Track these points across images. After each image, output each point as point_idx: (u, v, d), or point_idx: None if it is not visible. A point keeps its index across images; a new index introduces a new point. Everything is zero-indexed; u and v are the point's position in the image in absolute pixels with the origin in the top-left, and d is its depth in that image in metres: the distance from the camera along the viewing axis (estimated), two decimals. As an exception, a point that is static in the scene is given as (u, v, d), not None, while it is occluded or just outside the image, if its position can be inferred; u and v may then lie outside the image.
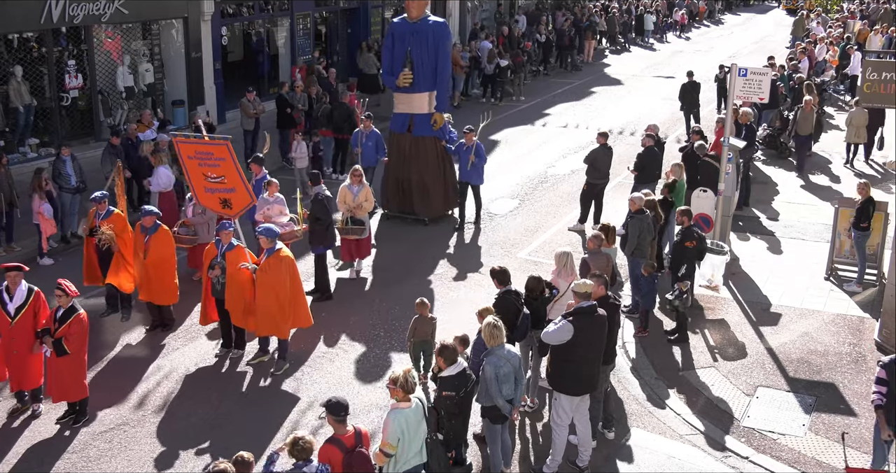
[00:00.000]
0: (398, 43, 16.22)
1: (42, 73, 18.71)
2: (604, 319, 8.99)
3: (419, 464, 7.79)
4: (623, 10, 43.14)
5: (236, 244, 11.15)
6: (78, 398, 9.93)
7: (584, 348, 8.77)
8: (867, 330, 12.32)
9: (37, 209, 14.07)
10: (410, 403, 7.57)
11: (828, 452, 9.56)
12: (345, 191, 13.65)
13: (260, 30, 26.05)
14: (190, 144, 11.57)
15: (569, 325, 8.70)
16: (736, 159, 14.36)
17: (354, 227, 13.49)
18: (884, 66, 13.59)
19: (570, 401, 8.95)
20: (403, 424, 7.48)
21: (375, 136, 16.84)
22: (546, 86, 30.63)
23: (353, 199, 13.50)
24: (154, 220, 11.80)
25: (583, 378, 8.91)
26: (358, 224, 13.54)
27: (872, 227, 13.62)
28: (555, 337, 8.79)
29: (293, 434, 7.00)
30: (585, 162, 15.98)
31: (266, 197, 13.12)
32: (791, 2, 56.02)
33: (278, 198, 13.20)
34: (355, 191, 13.54)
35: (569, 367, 8.83)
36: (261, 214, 12.92)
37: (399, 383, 7.51)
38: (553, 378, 9.05)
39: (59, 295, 9.59)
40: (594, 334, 8.86)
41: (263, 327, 11.04)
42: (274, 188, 13.21)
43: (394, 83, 16.34)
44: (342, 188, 13.78)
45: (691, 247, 11.95)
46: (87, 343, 9.90)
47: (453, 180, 16.73)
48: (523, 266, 14.08)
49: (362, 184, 13.69)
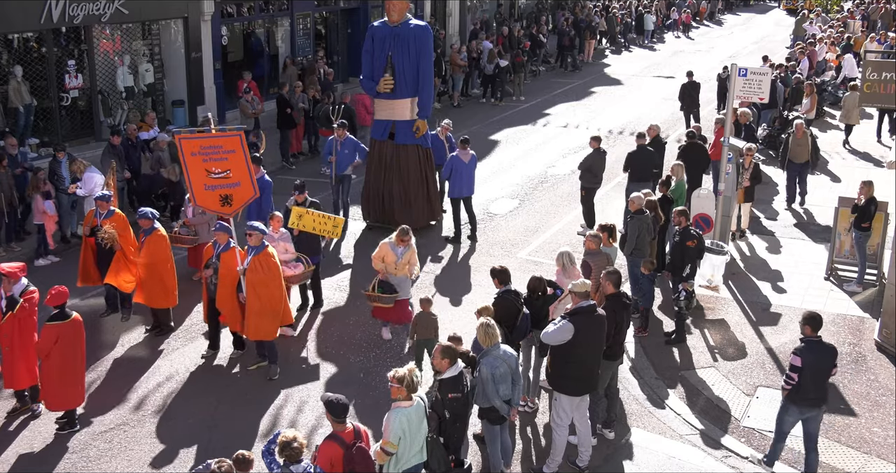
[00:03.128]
0: (378, 47, 15.61)
1: (42, 72, 18.71)
2: (603, 319, 9.01)
3: (419, 463, 7.80)
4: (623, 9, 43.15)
5: (232, 245, 11.16)
6: (60, 407, 9.75)
7: (584, 348, 8.77)
8: (867, 330, 12.32)
9: (40, 208, 14.09)
10: (412, 402, 7.57)
11: (828, 452, 9.56)
12: (385, 250, 11.47)
13: (260, 30, 26.05)
14: (195, 140, 11.51)
15: (569, 325, 8.70)
16: (736, 159, 14.37)
17: (383, 296, 11.36)
18: (884, 66, 13.59)
19: (571, 401, 8.95)
20: (405, 423, 7.48)
21: (352, 143, 16.09)
22: (546, 86, 30.62)
23: (395, 261, 11.42)
24: (151, 223, 11.80)
25: (582, 378, 8.91)
26: (389, 291, 11.39)
27: (873, 227, 13.62)
28: (555, 337, 8.78)
29: (286, 434, 6.99)
30: (580, 168, 15.77)
31: (271, 233, 11.67)
32: (791, 2, 56.00)
33: (283, 234, 11.83)
34: (399, 253, 11.47)
35: (569, 367, 8.84)
36: None
37: (405, 382, 7.49)
38: (553, 378, 9.06)
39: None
40: (594, 333, 8.87)
41: (251, 330, 10.99)
42: (277, 223, 11.86)
43: (373, 88, 15.79)
44: (383, 245, 11.54)
45: (692, 247, 11.96)
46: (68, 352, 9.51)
47: (436, 190, 16.30)
48: (523, 266, 14.08)
49: (409, 246, 11.55)
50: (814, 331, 8.90)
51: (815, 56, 28.45)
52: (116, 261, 12.08)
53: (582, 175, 15.75)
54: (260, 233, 10.88)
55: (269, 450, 7.24)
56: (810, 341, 8.88)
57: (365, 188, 16.32)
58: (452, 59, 26.81)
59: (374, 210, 16.19)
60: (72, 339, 9.56)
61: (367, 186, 16.22)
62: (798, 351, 8.83)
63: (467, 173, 15.42)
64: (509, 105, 27.31)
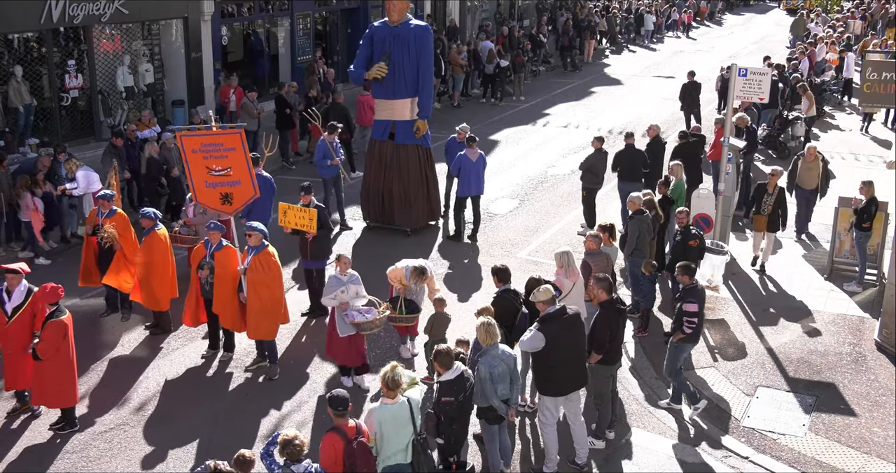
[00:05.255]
0: (378, 47, 15.54)
1: (42, 72, 18.71)
2: (575, 318, 9.07)
3: (402, 463, 7.79)
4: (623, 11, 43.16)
5: (225, 244, 11.14)
6: (60, 405, 9.76)
7: (561, 351, 8.83)
8: (867, 330, 12.32)
9: (29, 205, 14.07)
10: (395, 400, 7.65)
11: (828, 452, 9.56)
12: (401, 275, 11.01)
13: (260, 30, 26.05)
14: (196, 137, 11.51)
15: (539, 334, 8.78)
16: (736, 159, 14.36)
17: (406, 317, 10.95)
18: (884, 66, 13.60)
19: (554, 401, 9.02)
20: (382, 419, 7.59)
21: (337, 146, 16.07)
22: (546, 86, 30.62)
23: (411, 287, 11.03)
24: (151, 223, 11.80)
25: (561, 380, 8.98)
26: (414, 311, 11.03)
27: (873, 227, 13.61)
28: (529, 346, 8.90)
29: (286, 433, 7.00)
30: (581, 168, 15.77)
31: (338, 275, 10.52)
32: (791, 2, 55.98)
33: (352, 276, 10.61)
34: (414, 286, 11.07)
35: (550, 371, 8.94)
36: (331, 298, 10.41)
37: (385, 380, 7.64)
38: (537, 381, 9.22)
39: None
40: (568, 336, 8.90)
41: (251, 329, 11.00)
42: (345, 264, 10.52)
43: (361, 76, 15.61)
44: (399, 271, 11.07)
45: (694, 246, 11.97)
46: (68, 349, 9.58)
47: (436, 190, 16.26)
48: (523, 266, 14.08)
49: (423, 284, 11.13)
50: (691, 279, 10.16)
51: (815, 56, 28.42)
52: (116, 261, 12.09)
53: (583, 175, 15.75)
54: (259, 233, 10.86)
55: (269, 452, 7.25)
56: (693, 288, 10.11)
57: (365, 188, 16.26)
58: (452, 59, 26.79)
59: (373, 210, 16.15)
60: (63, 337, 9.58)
61: (367, 186, 16.16)
62: (691, 298, 9.96)
63: (475, 172, 15.42)
64: (509, 105, 27.31)
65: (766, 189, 14.01)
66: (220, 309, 11.08)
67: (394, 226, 16.00)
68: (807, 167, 15.56)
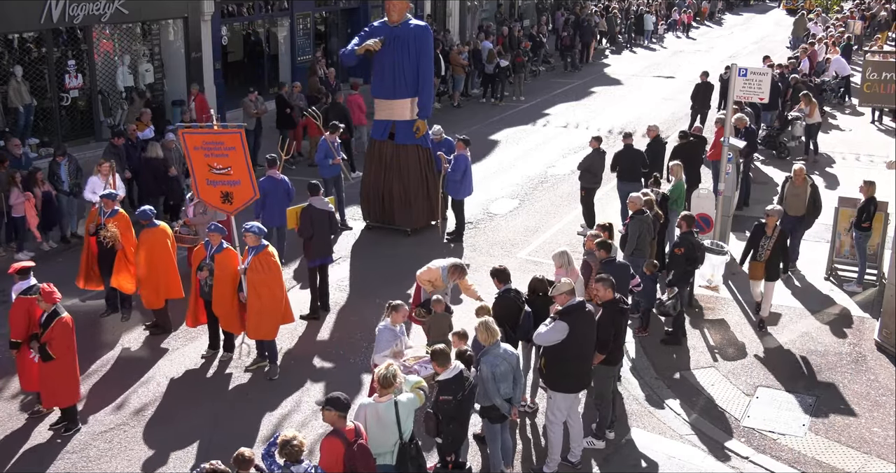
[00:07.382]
0: None
1: (42, 72, 18.71)
2: (592, 315, 9.05)
3: (388, 464, 7.72)
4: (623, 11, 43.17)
5: (226, 246, 11.14)
6: (67, 403, 9.77)
7: (578, 346, 8.81)
8: (867, 330, 12.32)
9: (16, 200, 13.99)
10: (385, 399, 7.63)
11: (828, 452, 9.56)
12: (436, 276, 10.78)
13: (260, 30, 26.06)
14: (197, 135, 11.53)
15: (562, 324, 8.72)
16: (736, 159, 14.35)
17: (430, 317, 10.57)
18: (884, 66, 13.60)
19: (566, 399, 8.99)
20: (367, 416, 7.58)
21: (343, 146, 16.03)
22: (546, 86, 30.62)
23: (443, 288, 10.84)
24: (149, 221, 11.80)
25: (577, 375, 8.96)
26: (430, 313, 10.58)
27: (873, 227, 13.61)
28: (549, 338, 8.81)
29: (286, 434, 7.00)
30: (580, 168, 15.76)
31: (390, 326, 9.45)
32: (791, 2, 55.98)
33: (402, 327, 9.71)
34: (450, 286, 10.95)
35: (566, 366, 8.88)
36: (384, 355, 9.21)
37: (379, 378, 7.64)
38: (550, 378, 9.08)
39: (38, 300, 9.42)
40: (586, 330, 8.90)
41: (252, 329, 11.01)
42: (401, 315, 9.51)
43: (353, 54, 15.34)
44: (434, 270, 10.79)
45: (679, 255, 11.87)
46: (74, 347, 9.65)
47: (437, 190, 16.15)
48: (523, 266, 14.08)
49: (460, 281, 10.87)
50: (608, 254, 10.76)
51: (816, 56, 28.42)
52: (118, 261, 12.07)
53: (581, 175, 15.75)
54: (254, 233, 10.82)
55: (269, 453, 7.25)
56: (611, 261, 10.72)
57: (364, 188, 16.24)
58: (453, 58, 26.79)
59: (373, 210, 16.14)
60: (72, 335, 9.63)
61: (367, 186, 16.15)
62: None
63: (469, 173, 15.48)
64: (509, 105, 27.31)
65: (765, 231, 12.17)
66: (219, 311, 11.09)
67: (394, 226, 15.99)
68: (794, 192, 13.94)
